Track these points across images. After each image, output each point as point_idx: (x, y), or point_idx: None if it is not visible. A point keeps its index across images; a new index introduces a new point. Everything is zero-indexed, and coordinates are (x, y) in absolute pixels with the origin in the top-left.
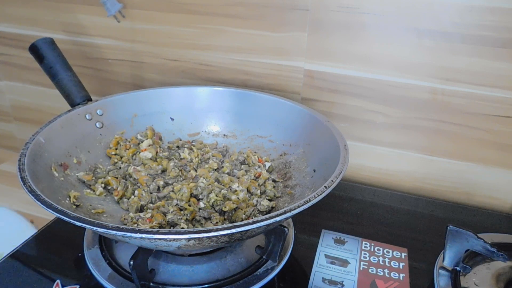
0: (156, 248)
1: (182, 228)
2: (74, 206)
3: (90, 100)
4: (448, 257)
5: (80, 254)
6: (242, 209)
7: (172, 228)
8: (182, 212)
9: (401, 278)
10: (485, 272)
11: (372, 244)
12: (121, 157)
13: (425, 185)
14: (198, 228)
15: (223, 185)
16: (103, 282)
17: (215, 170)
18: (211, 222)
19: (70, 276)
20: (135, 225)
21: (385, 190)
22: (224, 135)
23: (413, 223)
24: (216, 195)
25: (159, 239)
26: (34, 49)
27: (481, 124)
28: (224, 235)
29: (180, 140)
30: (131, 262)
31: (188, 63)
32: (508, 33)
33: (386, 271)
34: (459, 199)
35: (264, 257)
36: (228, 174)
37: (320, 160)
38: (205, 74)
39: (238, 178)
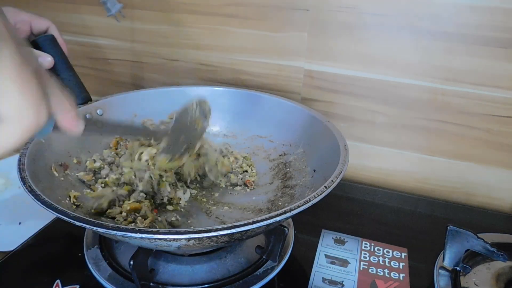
0: (156, 248)
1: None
2: (74, 206)
3: (90, 100)
4: (448, 257)
5: (80, 254)
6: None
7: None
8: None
9: (401, 278)
10: (485, 272)
11: (372, 244)
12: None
13: (425, 185)
14: (198, 228)
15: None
16: (103, 282)
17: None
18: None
19: (70, 276)
20: (131, 224)
21: (385, 190)
22: (224, 135)
23: (413, 223)
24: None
25: (159, 239)
26: (36, 46)
27: (481, 124)
28: (224, 235)
29: None
30: (131, 262)
31: (188, 63)
32: (508, 33)
33: (386, 271)
34: (459, 199)
35: (264, 257)
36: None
37: (320, 160)
38: (205, 74)
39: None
